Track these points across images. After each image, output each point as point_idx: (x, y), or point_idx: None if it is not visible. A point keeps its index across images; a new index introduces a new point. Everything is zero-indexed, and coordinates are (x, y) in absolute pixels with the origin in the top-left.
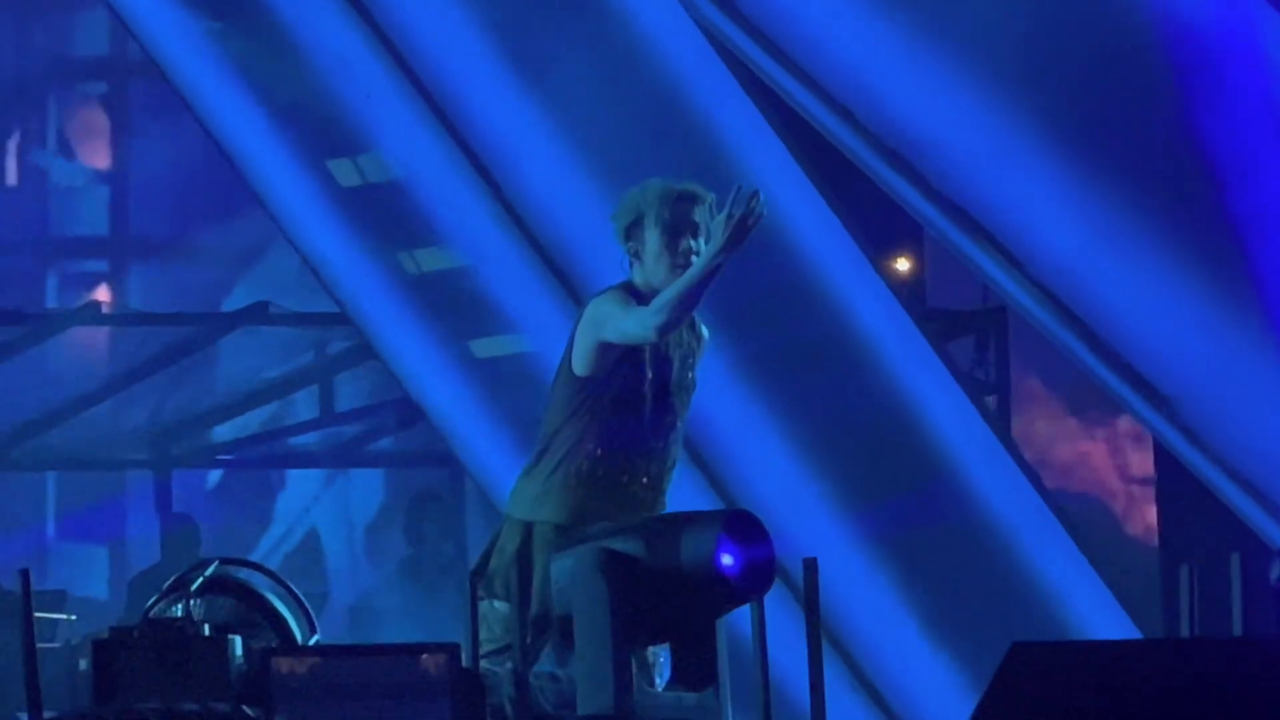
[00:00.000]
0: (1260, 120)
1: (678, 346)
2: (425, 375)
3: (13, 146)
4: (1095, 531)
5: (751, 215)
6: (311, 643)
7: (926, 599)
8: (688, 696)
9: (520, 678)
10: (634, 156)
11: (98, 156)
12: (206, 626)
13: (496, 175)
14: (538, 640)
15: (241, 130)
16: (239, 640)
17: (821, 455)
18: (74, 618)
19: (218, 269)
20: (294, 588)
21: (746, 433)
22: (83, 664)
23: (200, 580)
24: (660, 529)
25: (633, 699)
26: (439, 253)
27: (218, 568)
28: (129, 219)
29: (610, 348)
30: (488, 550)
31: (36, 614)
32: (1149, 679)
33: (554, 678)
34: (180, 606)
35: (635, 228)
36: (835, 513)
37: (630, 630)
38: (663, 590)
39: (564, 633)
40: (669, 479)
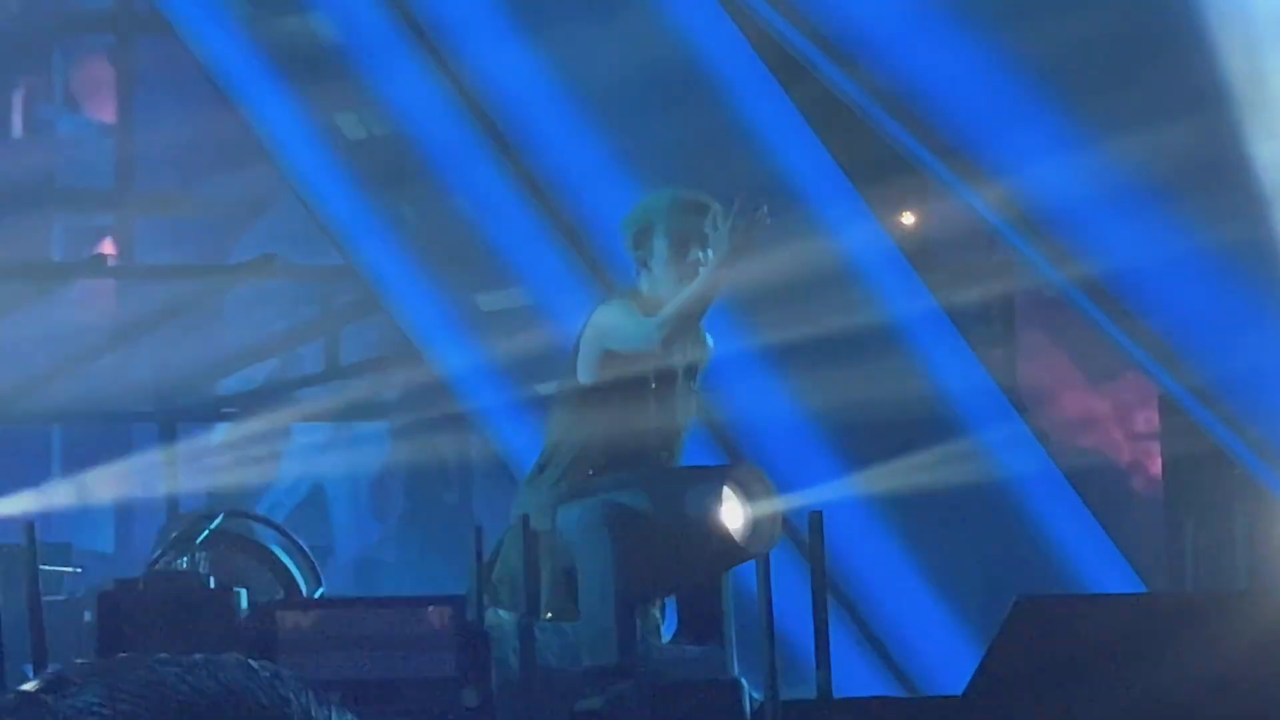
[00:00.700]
0: None
1: (682, 355)
2: (431, 328)
3: (18, 99)
4: (1100, 486)
5: (757, 225)
6: (316, 595)
7: (932, 553)
8: (692, 649)
9: (525, 631)
10: (638, 103)
11: (104, 109)
12: (212, 579)
13: (501, 126)
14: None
15: (247, 83)
16: (244, 593)
17: (826, 410)
18: (79, 570)
19: (223, 222)
20: (299, 541)
21: (750, 386)
22: (88, 616)
23: (206, 533)
24: (666, 483)
25: (637, 652)
26: (442, 204)
27: (223, 521)
28: (135, 172)
29: (615, 357)
30: (492, 558)
31: (42, 567)
32: (1153, 632)
33: (559, 630)
34: (186, 559)
35: (644, 236)
36: (840, 467)
37: (635, 583)
38: (667, 545)
39: (569, 585)
40: None
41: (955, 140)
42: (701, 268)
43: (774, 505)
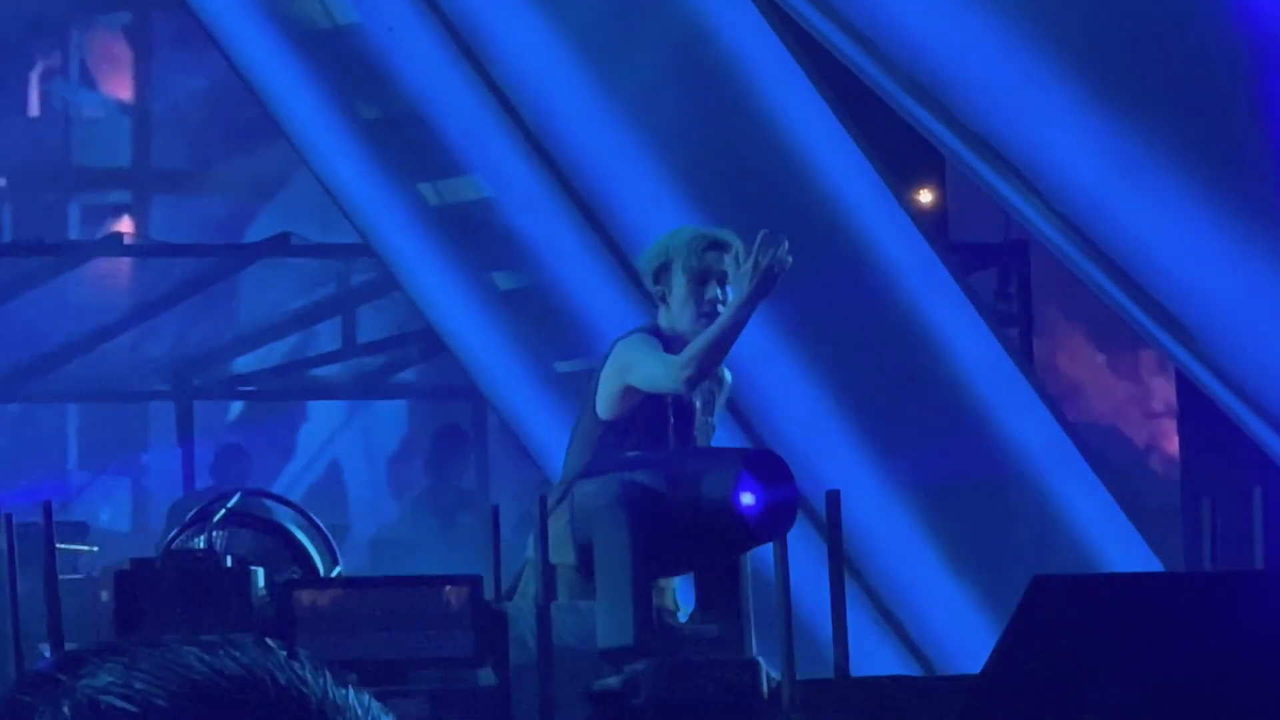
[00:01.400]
0: None
1: (700, 390)
2: (448, 307)
3: (35, 78)
4: (1117, 464)
5: (778, 264)
6: (334, 574)
7: (949, 532)
8: (710, 628)
9: (542, 610)
10: (655, 84)
11: (120, 87)
12: (229, 558)
13: (519, 105)
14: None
15: (264, 61)
16: (261, 572)
17: (844, 388)
18: (96, 549)
19: (240, 200)
20: (316, 519)
21: (769, 366)
22: (104, 596)
23: (222, 512)
24: (684, 464)
25: (653, 631)
26: (461, 184)
27: (240, 499)
28: (151, 150)
29: (634, 391)
30: (509, 590)
31: (58, 546)
32: (1170, 611)
33: (575, 610)
34: (202, 538)
35: (663, 272)
36: (858, 446)
37: (651, 562)
38: (683, 526)
39: (585, 560)
40: None
41: (972, 117)
42: (720, 306)
43: (791, 491)
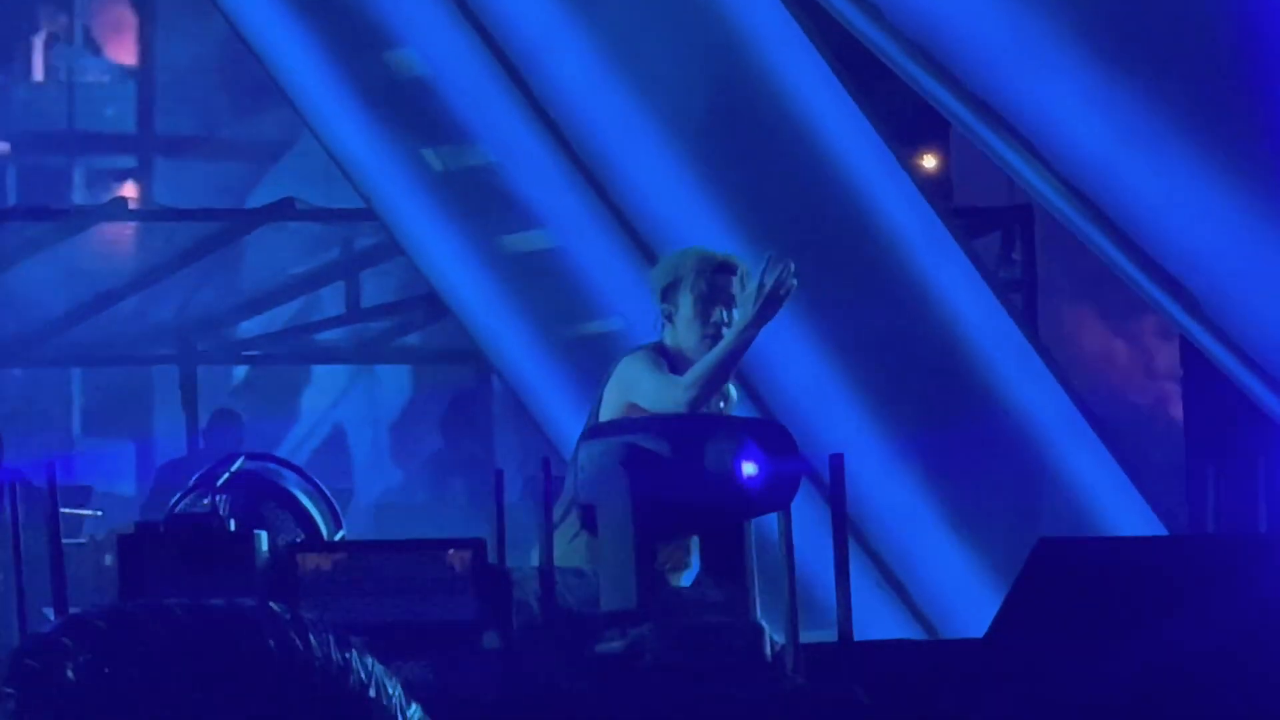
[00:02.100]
0: None
1: (709, 407)
2: (452, 271)
3: (39, 43)
4: (1121, 428)
5: (783, 287)
6: (337, 538)
7: (953, 496)
8: (714, 592)
9: (546, 574)
10: (659, 48)
11: (124, 53)
12: (232, 522)
13: (524, 71)
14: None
15: (267, 26)
16: (265, 536)
17: (848, 353)
18: (100, 513)
19: (244, 164)
20: (320, 483)
21: (772, 331)
22: (108, 560)
23: (226, 476)
24: (687, 431)
25: (655, 595)
26: (465, 149)
27: (243, 463)
28: (155, 115)
29: (638, 409)
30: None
31: (62, 510)
32: (1174, 575)
33: (579, 574)
34: (206, 502)
35: (671, 291)
36: (862, 410)
37: (653, 526)
38: (685, 492)
39: (589, 522)
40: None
41: (975, 81)
42: (725, 328)
43: (793, 463)
